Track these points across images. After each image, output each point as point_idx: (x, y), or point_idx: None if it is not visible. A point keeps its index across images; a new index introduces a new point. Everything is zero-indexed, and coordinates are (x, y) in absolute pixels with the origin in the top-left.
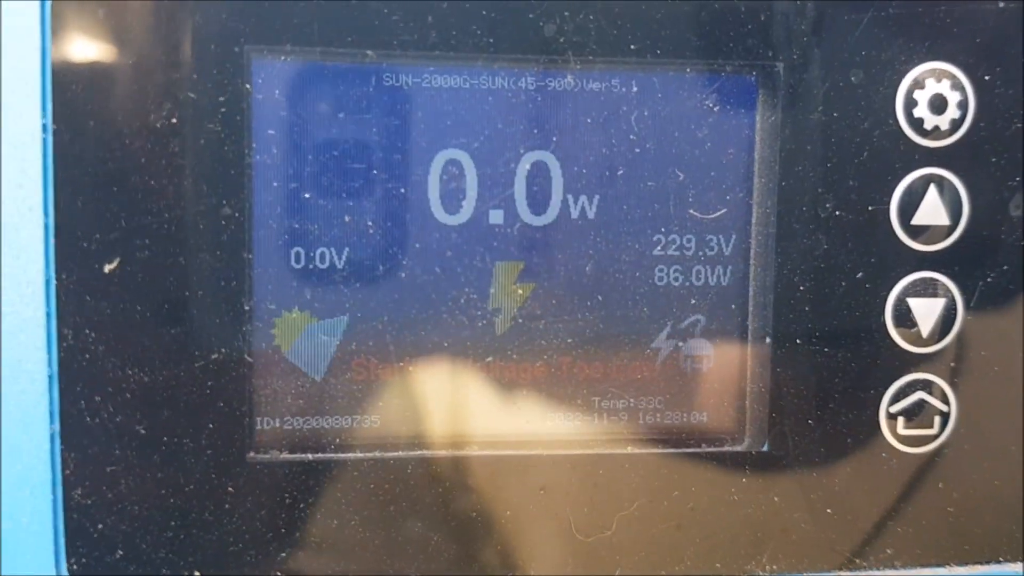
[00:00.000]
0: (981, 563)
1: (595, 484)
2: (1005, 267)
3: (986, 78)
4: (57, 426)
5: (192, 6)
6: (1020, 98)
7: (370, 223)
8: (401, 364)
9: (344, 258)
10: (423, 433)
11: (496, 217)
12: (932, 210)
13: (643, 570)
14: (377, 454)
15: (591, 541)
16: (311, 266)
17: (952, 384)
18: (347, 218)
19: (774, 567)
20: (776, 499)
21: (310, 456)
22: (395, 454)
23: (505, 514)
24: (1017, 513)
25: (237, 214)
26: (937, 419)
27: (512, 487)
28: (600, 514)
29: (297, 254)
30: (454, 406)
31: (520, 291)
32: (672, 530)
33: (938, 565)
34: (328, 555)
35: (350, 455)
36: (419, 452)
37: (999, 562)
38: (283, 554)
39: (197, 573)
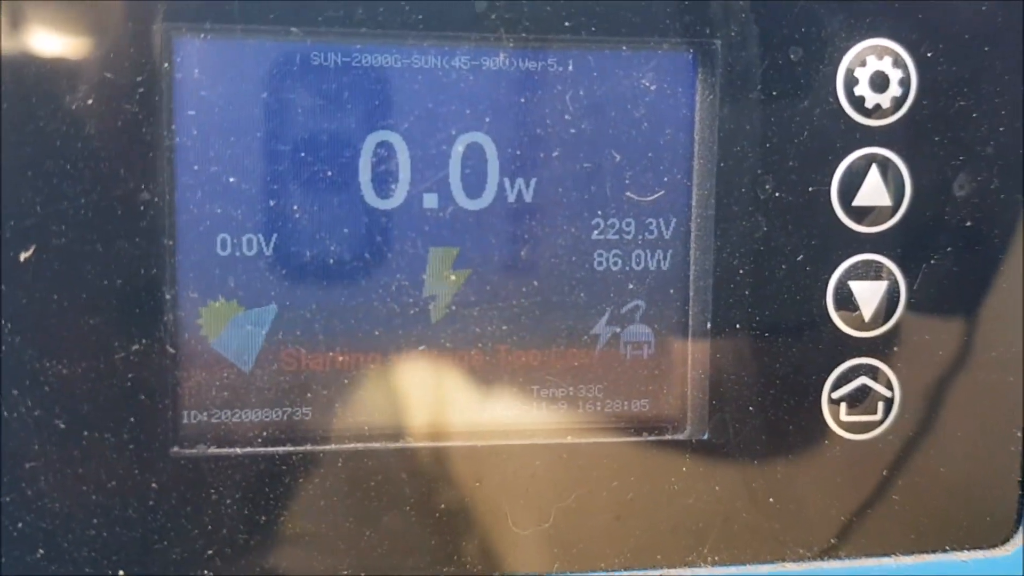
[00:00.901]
0: (927, 551)
1: (532, 475)
2: (948, 249)
3: (928, 55)
4: None
5: None
6: (963, 76)
7: (297, 208)
8: (332, 354)
9: (272, 244)
10: (354, 426)
11: (430, 201)
12: (874, 191)
13: (582, 563)
14: (307, 447)
15: (528, 534)
16: (237, 253)
17: (895, 369)
18: (272, 203)
19: (716, 558)
20: (717, 488)
21: (238, 450)
22: (325, 447)
23: (439, 507)
24: (961, 500)
25: (157, 199)
26: (880, 405)
27: (447, 479)
28: (538, 506)
29: (223, 240)
30: (386, 397)
31: (455, 277)
32: (611, 521)
33: (883, 555)
34: (255, 552)
35: (280, 448)
36: (350, 445)
37: (944, 551)
38: (209, 551)
39: (122, 572)
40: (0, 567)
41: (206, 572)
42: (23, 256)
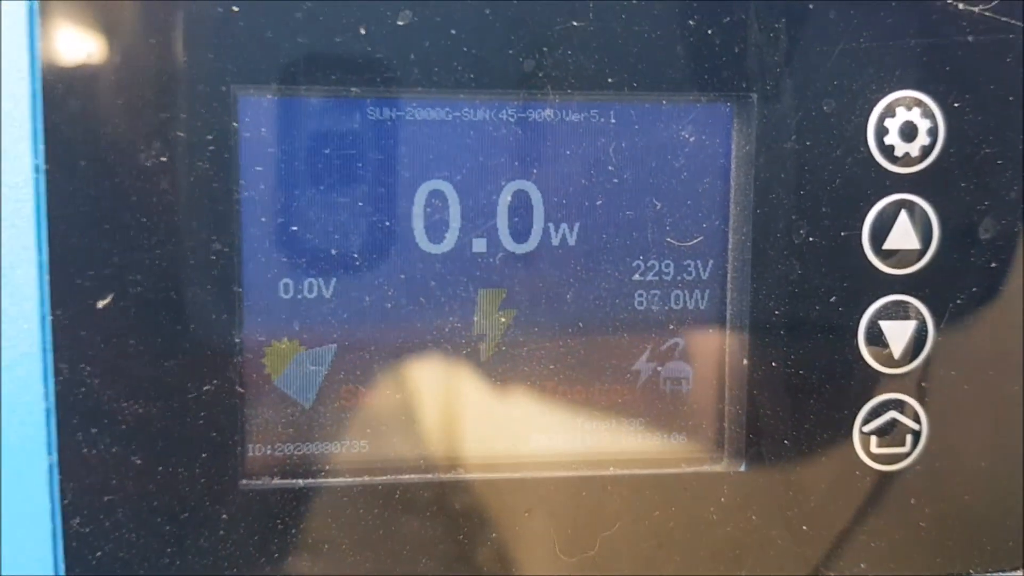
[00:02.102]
0: (953, 574)
1: (578, 505)
2: (974, 289)
3: (955, 105)
4: (55, 457)
5: (180, 47)
6: (988, 124)
7: (356, 254)
8: (388, 391)
9: (331, 288)
10: (411, 458)
11: (479, 246)
12: (903, 235)
13: None
14: (366, 479)
15: (575, 561)
16: (299, 296)
17: (923, 403)
18: (333, 251)
19: None
20: (754, 517)
21: (301, 482)
22: (383, 479)
23: (492, 536)
24: (985, 527)
25: (227, 249)
26: (909, 437)
27: (498, 509)
28: (583, 535)
29: (286, 285)
30: (440, 431)
31: (503, 318)
32: (654, 549)
33: (910, 573)
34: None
35: (340, 480)
36: (407, 476)
37: (968, 574)
38: None
39: None
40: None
41: None
42: (101, 304)
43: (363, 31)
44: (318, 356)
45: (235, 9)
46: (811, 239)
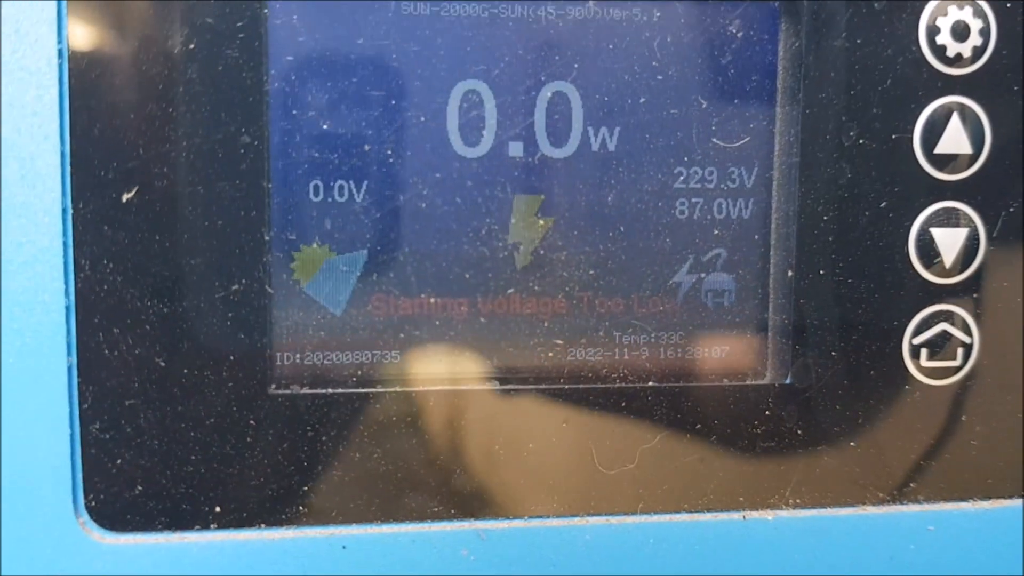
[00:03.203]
0: (1004, 498)
1: (618, 418)
2: None
3: (1008, 5)
4: (74, 359)
5: None
6: None
7: (388, 156)
8: (421, 298)
9: (363, 191)
10: (444, 368)
11: (516, 149)
12: (955, 139)
13: (666, 503)
14: (398, 389)
15: (614, 474)
16: (330, 199)
17: (975, 316)
18: (365, 150)
19: (797, 501)
20: (799, 432)
21: (331, 391)
22: (416, 389)
23: (528, 447)
24: None
25: (256, 143)
26: (960, 351)
27: (535, 421)
28: (623, 447)
29: (316, 187)
30: (475, 340)
31: (540, 224)
32: (695, 463)
33: (961, 499)
34: (349, 488)
35: (371, 390)
36: (440, 387)
37: (1022, 497)
38: (305, 488)
39: (218, 508)
40: (78, 503)
41: (301, 508)
42: (126, 197)
43: None
44: (349, 261)
45: None
46: (860, 142)
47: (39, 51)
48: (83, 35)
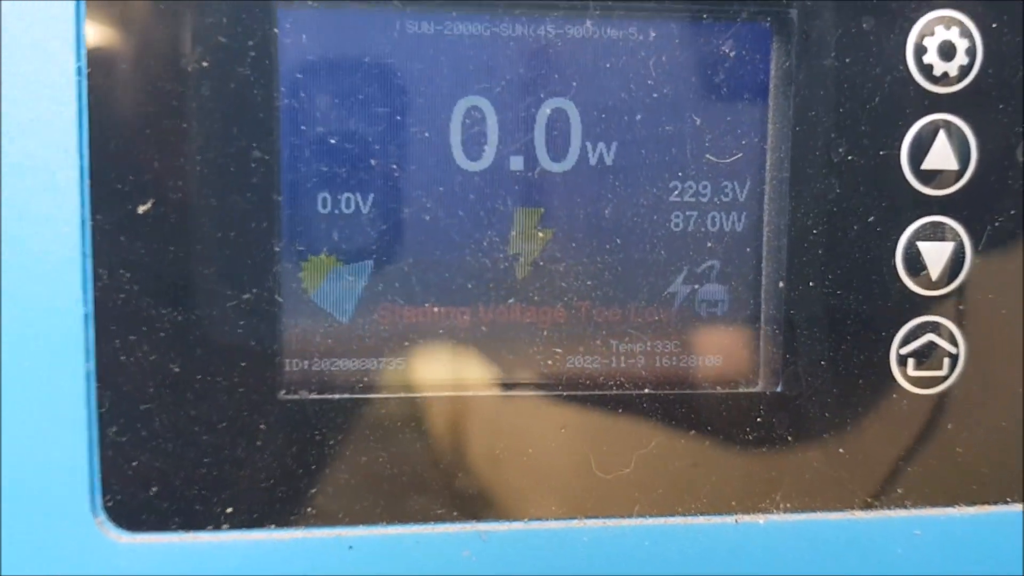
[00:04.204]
0: (988, 503)
1: (614, 424)
2: (1012, 211)
3: (993, 26)
4: (92, 364)
5: None
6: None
7: (394, 168)
8: (424, 307)
9: (369, 203)
10: (447, 374)
11: (516, 163)
12: (941, 155)
13: (661, 507)
14: (402, 395)
15: (611, 478)
16: (337, 211)
17: (960, 326)
18: (370, 163)
19: (787, 505)
20: (790, 439)
21: (337, 396)
22: (420, 394)
23: (528, 451)
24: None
25: (267, 157)
26: (946, 361)
27: (534, 426)
28: (620, 452)
29: (324, 199)
30: (477, 347)
31: (540, 236)
32: (688, 468)
33: (946, 504)
34: (355, 490)
35: (376, 395)
36: (443, 393)
37: (1006, 502)
38: (313, 490)
39: (230, 509)
40: (95, 503)
41: (309, 509)
42: (142, 209)
43: None
44: (355, 271)
45: None
46: (850, 158)
47: (59, 69)
48: (101, 52)
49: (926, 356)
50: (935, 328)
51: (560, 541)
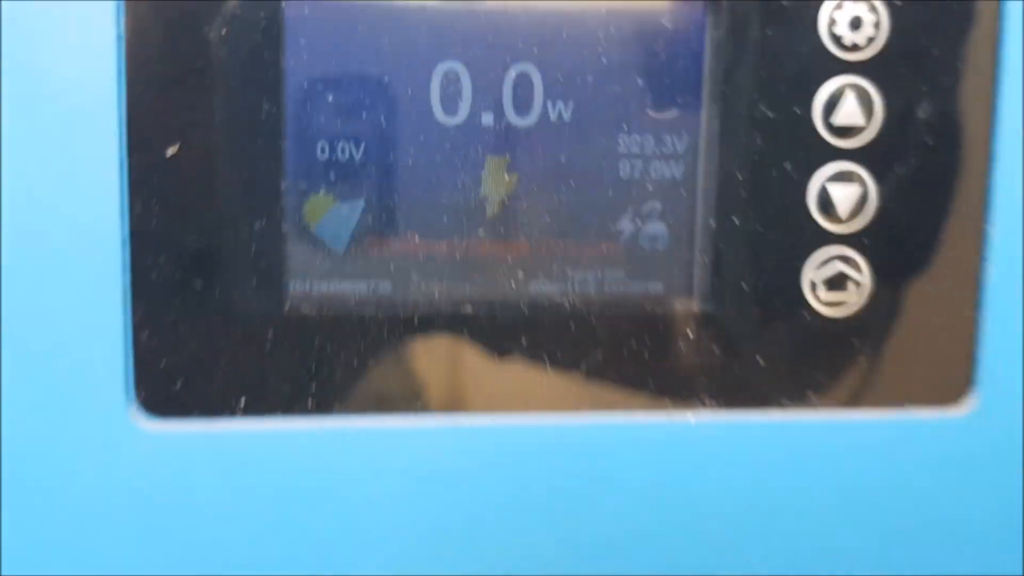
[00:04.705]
0: (889, 406)
1: (569, 336)
2: (911, 160)
3: (898, 3)
4: (128, 279)
5: None
6: (924, 18)
7: (383, 122)
8: (408, 239)
9: (361, 150)
10: (424, 296)
11: (487, 119)
12: (849, 112)
13: (607, 405)
14: (387, 313)
15: (564, 380)
16: (334, 157)
17: (866, 257)
18: (362, 116)
19: (715, 404)
20: (717, 350)
21: (334, 312)
22: (402, 312)
23: (495, 358)
24: (922, 366)
25: (275, 110)
26: (853, 286)
27: (501, 338)
28: (571, 360)
29: (323, 146)
30: (452, 274)
31: (507, 180)
32: (631, 374)
33: (853, 407)
34: (349, 390)
35: (366, 313)
36: (423, 311)
37: (907, 405)
38: (313, 387)
39: (243, 400)
40: (130, 396)
41: (309, 402)
42: (170, 151)
43: None
44: (350, 208)
45: None
46: (770, 115)
47: (102, 35)
48: (137, 21)
49: (835, 283)
50: (844, 259)
51: (517, 433)
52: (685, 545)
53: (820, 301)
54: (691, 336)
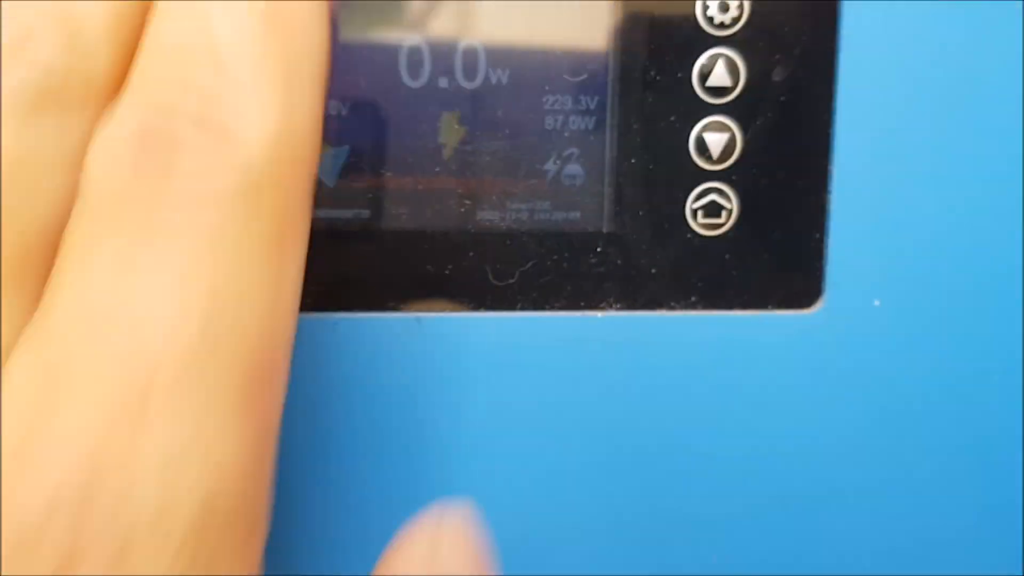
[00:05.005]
0: (755, 308)
1: (506, 249)
2: (769, 113)
3: None
4: None
5: None
6: (778, 1)
7: (362, 85)
8: (382, 176)
9: (347, 108)
10: (393, 216)
11: (443, 83)
12: (720, 76)
13: (537, 305)
14: (366, 229)
15: (502, 285)
16: (328, 113)
17: (734, 190)
18: (344, 79)
19: (617, 305)
20: (619, 263)
21: (325, 231)
22: (378, 230)
23: (447, 267)
24: (782, 276)
25: None
26: (724, 212)
27: (449, 253)
28: (508, 268)
29: None
30: (416, 203)
31: (458, 130)
32: (551, 281)
33: (726, 309)
34: (334, 288)
35: (352, 231)
36: (391, 228)
37: (765, 308)
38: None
39: None
40: None
41: (306, 300)
42: None
43: None
44: (338, 152)
45: None
46: (657, 78)
47: None
48: None
49: (710, 211)
50: (717, 192)
51: (466, 328)
52: (589, 423)
53: (699, 224)
54: (600, 252)
